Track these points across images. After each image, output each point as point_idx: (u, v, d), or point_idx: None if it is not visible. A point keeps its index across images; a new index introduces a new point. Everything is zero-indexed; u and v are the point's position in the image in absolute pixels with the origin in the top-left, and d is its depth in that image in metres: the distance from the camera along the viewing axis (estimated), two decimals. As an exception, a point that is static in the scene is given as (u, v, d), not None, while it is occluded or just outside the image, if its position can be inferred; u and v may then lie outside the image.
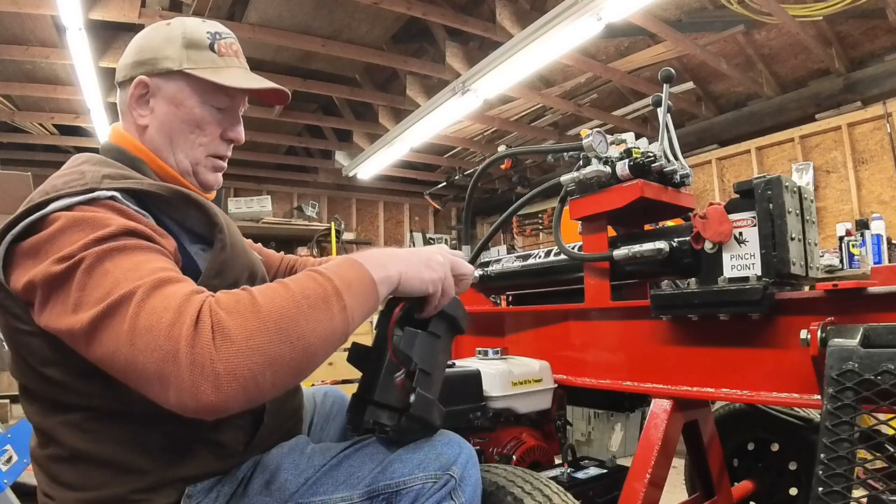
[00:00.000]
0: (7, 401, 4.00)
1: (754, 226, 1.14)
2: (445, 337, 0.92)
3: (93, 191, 0.75)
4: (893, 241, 3.59)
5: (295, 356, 0.65)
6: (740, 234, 1.16)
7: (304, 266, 1.26)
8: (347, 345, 0.88)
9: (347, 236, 7.39)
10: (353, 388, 0.93)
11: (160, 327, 0.60)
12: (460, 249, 1.99)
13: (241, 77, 0.96)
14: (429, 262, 0.86)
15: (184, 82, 0.92)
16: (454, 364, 1.36)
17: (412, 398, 0.84)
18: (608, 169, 1.38)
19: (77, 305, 0.65)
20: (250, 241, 1.12)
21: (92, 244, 0.67)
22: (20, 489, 1.89)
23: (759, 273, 1.12)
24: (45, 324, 0.69)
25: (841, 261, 3.48)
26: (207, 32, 0.95)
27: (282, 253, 1.34)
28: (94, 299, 0.64)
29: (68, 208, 0.72)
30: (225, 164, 1.01)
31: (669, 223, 1.65)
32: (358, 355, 0.93)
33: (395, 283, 0.81)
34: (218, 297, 0.65)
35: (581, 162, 1.43)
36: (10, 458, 1.88)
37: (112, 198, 0.75)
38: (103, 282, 0.65)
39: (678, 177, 1.41)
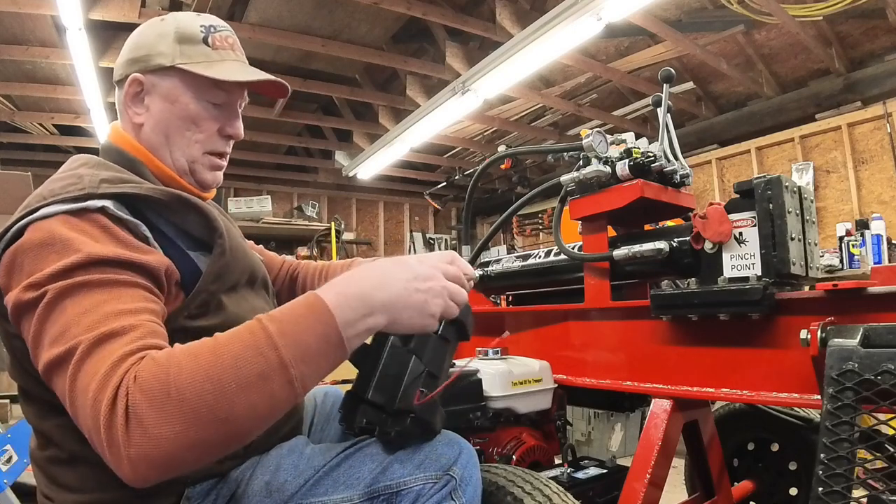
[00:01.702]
0: (7, 401, 4.00)
1: (754, 226, 1.14)
2: (453, 341, 0.92)
3: (87, 197, 0.74)
4: (893, 241, 3.59)
5: (219, 438, 0.60)
6: (740, 234, 1.16)
7: (305, 272, 1.23)
8: None
9: (347, 236, 7.39)
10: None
11: (88, 396, 0.60)
12: (460, 249, 1.99)
13: (235, 70, 0.93)
14: (427, 289, 0.75)
15: (177, 78, 0.90)
16: (454, 364, 1.36)
17: (419, 396, 0.83)
18: (608, 169, 1.38)
19: (36, 339, 0.67)
20: (251, 242, 1.11)
21: (59, 275, 0.67)
22: (20, 489, 1.89)
23: (759, 273, 1.12)
24: (25, 339, 0.70)
25: (841, 261, 3.48)
26: (201, 26, 0.93)
27: (283, 256, 1.33)
28: (48, 340, 0.65)
29: (52, 215, 0.72)
30: (224, 162, 0.99)
31: (669, 223, 1.65)
32: (359, 353, 0.92)
33: (379, 328, 0.72)
34: (140, 372, 0.59)
35: (581, 162, 1.43)
36: (10, 458, 1.88)
37: (102, 209, 0.74)
38: (58, 321, 0.65)
39: (678, 177, 1.41)
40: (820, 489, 0.82)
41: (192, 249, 0.85)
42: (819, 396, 1.00)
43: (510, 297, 2.00)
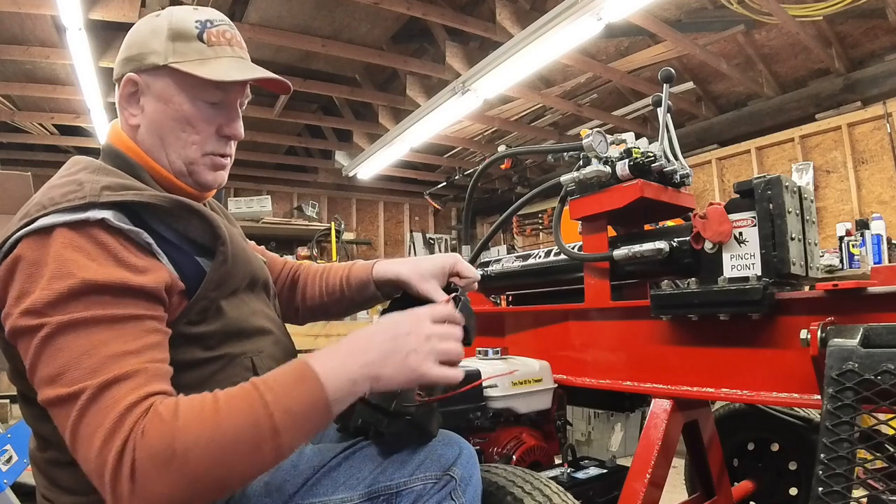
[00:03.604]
0: (7, 401, 4.01)
1: (754, 226, 1.14)
2: None
3: (88, 207, 0.73)
4: (893, 241, 3.59)
5: (211, 496, 0.65)
6: (740, 234, 1.16)
7: (306, 274, 1.22)
8: None
9: (347, 236, 7.38)
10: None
11: (93, 446, 0.62)
12: (460, 249, 2.00)
13: (229, 68, 0.87)
14: (411, 356, 0.75)
15: (170, 78, 0.86)
16: None
17: (417, 401, 0.83)
18: (608, 169, 1.38)
19: (31, 369, 0.68)
20: (253, 243, 1.10)
21: (56, 304, 0.66)
22: (20, 489, 1.89)
23: (759, 273, 1.12)
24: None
25: (841, 261, 3.48)
26: (196, 21, 0.87)
27: (285, 257, 1.33)
28: (46, 376, 0.66)
29: (51, 229, 0.71)
30: (227, 162, 0.94)
31: (669, 223, 1.65)
32: None
33: (365, 393, 0.74)
34: (147, 427, 0.62)
35: (581, 162, 1.43)
36: (10, 458, 1.88)
37: (102, 221, 0.72)
38: (56, 360, 0.65)
39: (678, 177, 1.41)
40: (820, 489, 0.82)
41: (196, 255, 0.84)
42: (819, 396, 1.00)
43: (510, 297, 2.00)
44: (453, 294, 0.96)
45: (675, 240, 1.28)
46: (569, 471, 1.43)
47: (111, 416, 0.62)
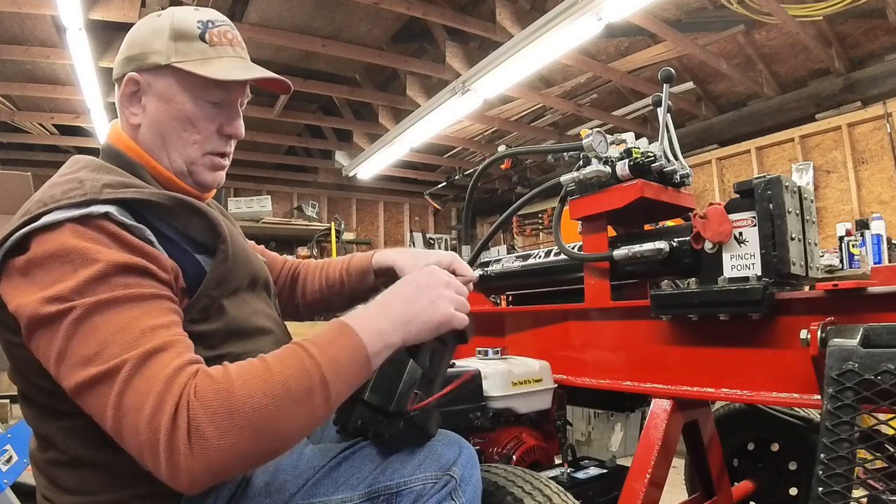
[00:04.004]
0: (7, 401, 4.01)
1: (754, 226, 1.14)
2: (451, 345, 0.92)
3: (90, 203, 0.73)
4: (893, 241, 3.59)
5: (269, 449, 0.66)
6: (740, 234, 1.16)
7: (306, 270, 1.23)
8: None
9: (347, 236, 7.38)
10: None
11: (143, 414, 0.62)
12: (460, 249, 1.99)
13: (231, 68, 0.88)
14: (436, 302, 0.82)
15: (172, 78, 0.86)
16: (454, 364, 1.36)
17: (413, 400, 0.83)
18: (608, 169, 1.38)
19: (61, 356, 0.66)
20: (253, 242, 1.10)
21: (83, 288, 0.67)
22: (20, 489, 1.89)
23: (759, 273, 1.12)
24: (33, 351, 0.70)
25: (841, 261, 3.48)
26: (198, 21, 0.88)
27: (284, 256, 1.33)
28: (81, 358, 0.65)
29: (59, 224, 0.71)
30: (226, 162, 0.95)
31: (669, 223, 1.65)
32: None
33: (399, 345, 0.79)
34: (199, 387, 0.63)
35: (581, 162, 1.43)
36: (10, 458, 1.88)
37: (106, 214, 0.73)
38: (91, 339, 0.65)
39: (678, 177, 1.41)
40: (820, 489, 0.82)
41: (196, 253, 0.84)
42: (819, 396, 1.00)
43: (510, 297, 2.00)
44: None
45: (675, 240, 1.28)
46: (569, 471, 1.43)
47: (160, 381, 0.63)
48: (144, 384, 0.63)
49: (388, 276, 1.11)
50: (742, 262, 1.15)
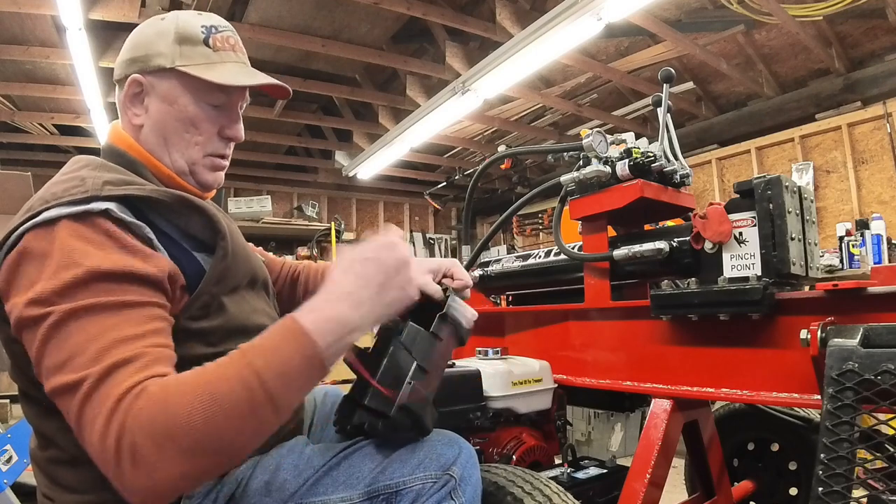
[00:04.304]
0: (7, 401, 4.01)
1: (754, 226, 1.14)
2: (447, 341, 0.91)
3: (91, 200, 0.73)
4: (893, 241, 3.59)
5: (217, 465, 0.65)
6: (740, 234, 1.16)
7: (307, 272, 1.23)
8: None
9: (347, 236, 7.38)
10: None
11: (95, 431, 0.62)
12: (460, 249, 2.00)
13: (235, 73, 0.91)
14: (396, 283, 0.77)
15: (176, 80, 0.88)
16: (454, 364, 1.36)
17: (407, 389, 0.82)
18: (608, 169, 1.38)
19: (38, 359, 0.67)
20: (251, 245, 1.11)
21: (63, 292, 0.67)
22: (20, 489, 1.89)
23: (759, 273, 1.12)
24: (26, 349, 0.70)
25: (841, 261, 3.48)
26: (202, 26, 0.91)
27: (284, 257, 1.33)
28: (52, 365, 0.66)
29: (56, 221, 0.71)
30: (225, 163, 0.97)
31: (669, 223, 1.65)
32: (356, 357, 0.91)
33: (360, 335, 0.74)
34: (140, 408, 0.61)
35: (581, 162, 1.43)
36: (10, 458, 1.88)
37: (105, 211, 0.73)
38: (63, 347, 0.66)
39: (678, 177, 1.41)
40: (820, 489, 0.82)
41: (195, 251, 0.84)
42: (819, 396, 1.00)
43: (510, 297, 2.00)
44: (444, 288, 0.96)
45: (675, 240, 1.28)
46: (569, 471, 1.43)
47: (109, 402, 0.62)
48: (99, 403, 0.63)
49: None
50: (742, 262, 1.15)
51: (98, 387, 0.63)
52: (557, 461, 1.52)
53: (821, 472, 0.83)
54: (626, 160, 1.36)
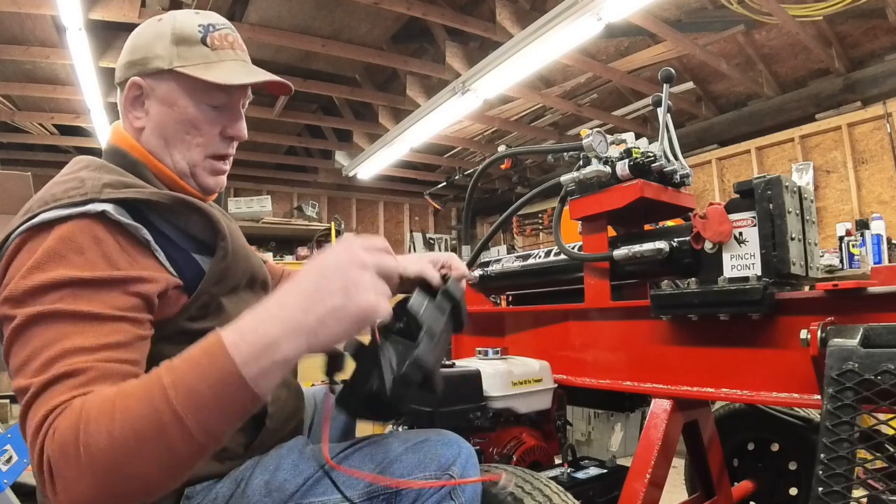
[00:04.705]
0: (7, 401, 4.01)
1: (754, 226, 1.14)
2: (448, 319, 0.87)
3: (89, 202, 0.73)
4: (893, 241, 3.59)
5: (128, 492, 0.59)
6: (740, 234, 1.16)
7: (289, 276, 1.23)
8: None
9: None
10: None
11: (28, 442, 0.62)
12: (460, 249, 2.00)
13: (234, 72, 0.90)
14: (349, 289, 0.61)
15: (175, 82, 0.88)
16: (454, 364, 1.36)
17: (419, 344, 0.77)
18: (608, 169, 1.38)
19: (5, 359, 0.68)
20: (253, 248, 1.10)
21: (32, 293, 0.67)
22: (20, 489, 1.89)
23: (759, 273, 1.12)
24: None
25: (841, 261, 3.48)
26: (199, 25, 0.89)
27: (282, 265, 1.32)
28: (13, 367, 0.67)
29: (49, 223, 0.71)
30: (226, 166, 0.96)
31: (669, 223, 1.65)
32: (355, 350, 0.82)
33: (297, 355, 0.61)
34: (58, 426, 0.59)
35: (581, 162, 1.43)
36: (10, 458, 1.88)
37: (102, 213, 0.73)
38: (22, 351, 0.66)
39: (678, 177, 1.41)
40: (820, 489, 0.82)
41: (195, 252, 0.84)
42: (819, 396, 1.00)
43: (510, 297, 1.99)
44: (443, 276, 0.96)
45: (675, 240, 1.28)
46: (569, 471, 1.43)
47: (39, 415, 0.61)
48: (32, 415, 0.62)
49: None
50: (742, 262, 1.15)
51: (36, 398, 0.63)
52: (557, 461, 1.52)
53: (821, 472, 0.83)
54: (626, 160, 1.36)
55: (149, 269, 0.75)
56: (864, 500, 0.80)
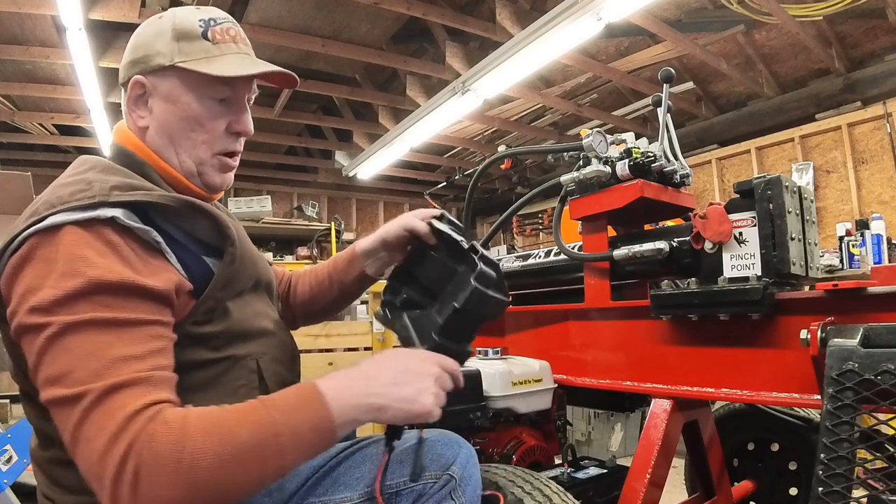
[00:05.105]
0: (7, 401, 4.01)
1: (754, 226, 1.14)
2: (453, 257, 0.91)
3: (97, 206, 0.72)
4: (893, 241, 3.59)
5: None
6: (740, 234, 1.15)
7: (297, 276, 1.21)
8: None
9: (347, 236, 7.37)
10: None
11: (95, 448, 0.62)
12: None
13: (235, 64, 0.87)
14: (421, 394, 0.75)
15: (177, 78, 0.86)
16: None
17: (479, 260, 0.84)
18: (608, 169, 1.38)
19: (35, 368, 0.67)
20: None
21: (63, 302, 0.66)
22: (20, 489, 1.89)
23: (759, 273, 1.12)
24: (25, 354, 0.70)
25: (841, 261, 3.48)
26: (200, 20, 0.88)
27: (283, 266, 1.31)
28: (49, 376, 0.66)
29: (60, 227, 0.70)
30: (234, 162, 0.94)
31: (669, 223, 1.65)
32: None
33: (368, 421, 0.74)
34: (154, 437, 0.62)
35: (581, 162, 1.43)
36: (10, 458, 1.88)
37: (112, 220, 0.72)
38: (60, 360, 0.65)
39: (678, 177, 1.41)
40: (820, 489, 0.82)
41: (203, 254, 0.83)
42: (819, 396, 1.00)
43: (510, 297, 1.99)
44: (440, 213, 1.00)
45: (675, 240, 1.28)
46: (569, 471, 1.43)
47: (115, 421, 0.62)
48: (101, 419, 0.62)
49: (378, 253, 1.11)
50: (742, 262, 1.15)
51: (100, 402, 0.63)
52: (557, 461, 1.52)
53: (821, 472, 0.83)
54: (626, 160, 1.36)
55: (163, 271, 0.75)
56: (864, 500, 0.80)
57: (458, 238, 0.89)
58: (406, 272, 0.96)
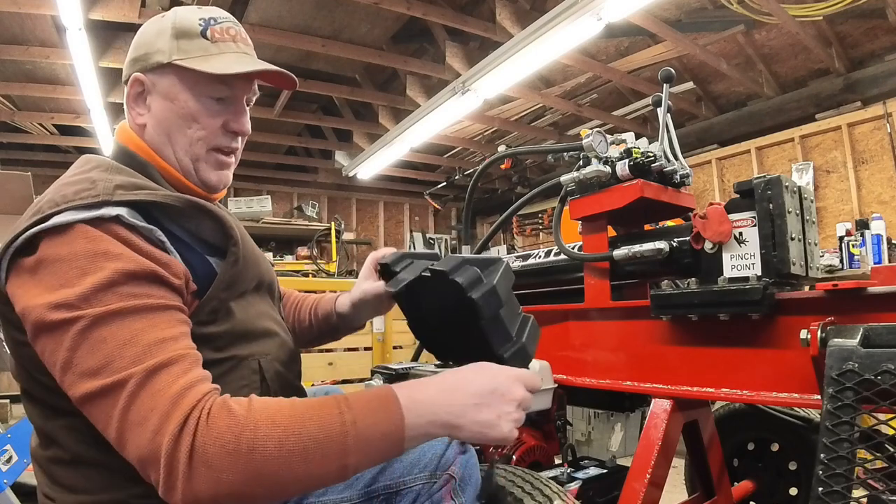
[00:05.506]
0: (7, 401, 4.01)
1: (754, 226, 1.14)
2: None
3: (102, 205, 0.72)
4: (893, 241, 3.59)
5: (264, 495, 0.63)
6: (740, 234, 1.15)
7: (286, 299, 1.22)
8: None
9: (347, 236, 7.39)
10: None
11: (146, 430, 0.62)
12: (460, 249, 1.99)
13: (233, 63, 0.88)
14: (501, 419, 0.73)
15: (175, 76, 0.87)
16: (451, 364, 1.35)
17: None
18: (608, 169, 1.38)
19: (66, 365, 0.66)
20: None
21: (90, 295, 0.66)
22: (20, 489, 1.89)
23: (759, 273, 1.12)
24: (39, 354, 0.70)
25: (841, 261, 3.48)
26: (200, 19, 0.89)
27: (294, 291, 1.30)
28: (85, 370, 0.65)
29: (70, 226, 0.70)
30: (230, 160, 0.95)
31: (669, 223, 1.65)
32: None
33: (439, 436, 0.72)
34: (214, 415, 0.62)
35: (581, 162, 1.43)
36: (10, 458, 1.88)
37: (117, 217, 0.72)
38: (96, 352, 0.65)
39: (678, 177, 1.41)
40: (820, 489, 0.82)
41: (207, 255, 0.84)
42: (819, 396, 1.00)
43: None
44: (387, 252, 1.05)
45: (675, 240, 1.28)
46: (569, 471, 1.43)
47: (165, 400, 0.62)
48: (149, 400, 0.63)
49: (360, 310, 1.13)
50: (742, 262, 1.15)
51: (145, 385, 0.63)
52: (557, 461, 1.52)
53: (821, 472, 0.83)
54: (626, 160, 1.36)
55: (174, 264, 0.76)
56: (864, 500, 0.80)
57: (405, 273, 0.90)
58: (418, 319, 0.97)
